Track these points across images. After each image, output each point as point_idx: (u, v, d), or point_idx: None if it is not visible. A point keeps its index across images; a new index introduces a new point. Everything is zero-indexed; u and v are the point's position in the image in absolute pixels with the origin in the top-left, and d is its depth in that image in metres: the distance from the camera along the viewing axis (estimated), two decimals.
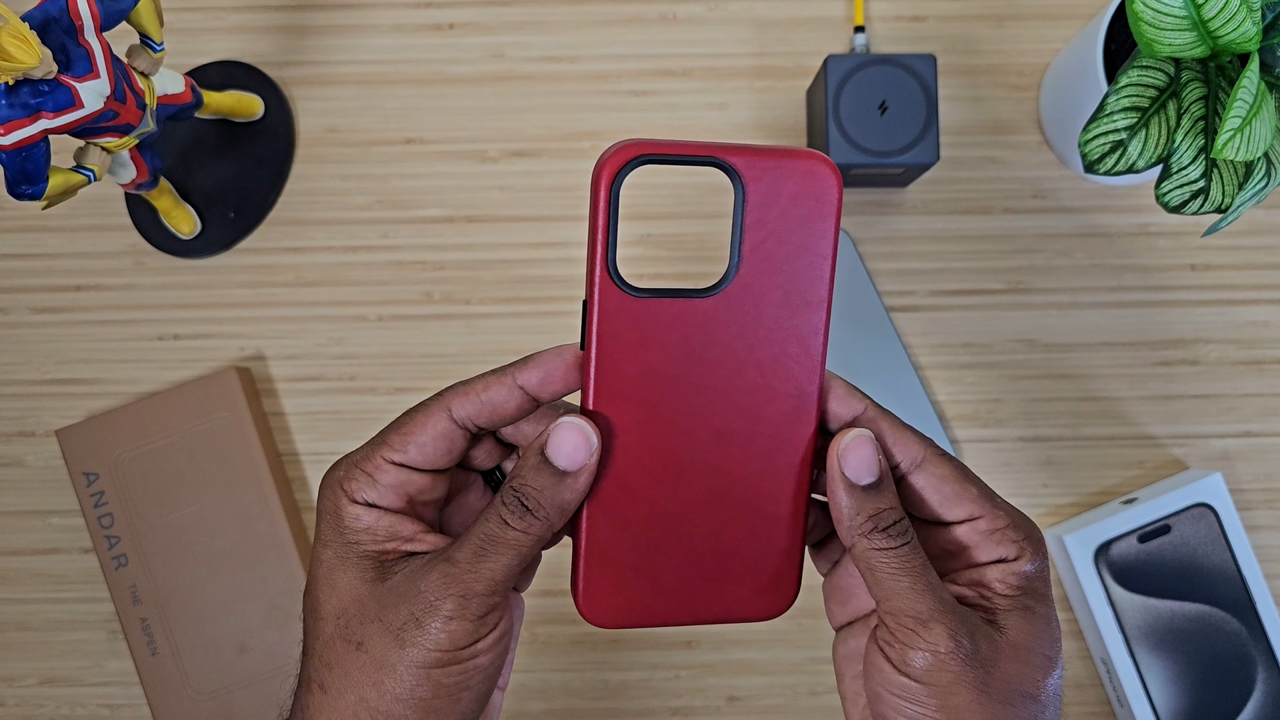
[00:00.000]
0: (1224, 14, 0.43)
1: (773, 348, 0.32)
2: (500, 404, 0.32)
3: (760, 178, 0.31)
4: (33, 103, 0.44)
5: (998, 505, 0.33)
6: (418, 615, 0.30)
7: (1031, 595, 0.32)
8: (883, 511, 0.31)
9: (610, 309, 0.31)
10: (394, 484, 0.32)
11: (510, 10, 0.62)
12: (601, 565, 0.32)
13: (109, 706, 0.61)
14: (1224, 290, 0.61)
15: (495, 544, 0.30)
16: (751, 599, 0.34)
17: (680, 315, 0.31)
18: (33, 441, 0.62)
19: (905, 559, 0.31)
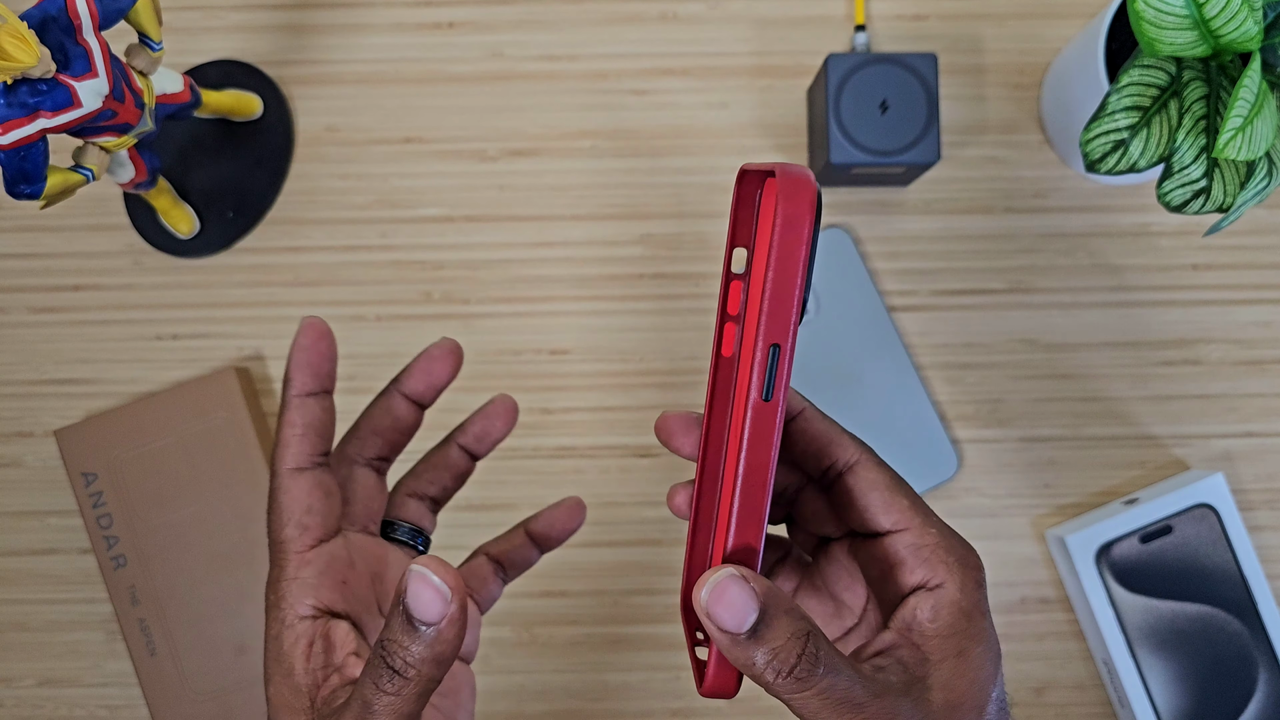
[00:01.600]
0: (1225, 13, 0.42)
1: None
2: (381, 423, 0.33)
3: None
4: (31, 102, 0.44)
5: (929, 522, 0.31)
6: None
7: (965, 635, 0.30)
8: (779, 651, 0.28)
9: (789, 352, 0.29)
10: (322, 570, 0.32)
11: (509, 9, 0.62)
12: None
13: (108, 707, 0.61)
14: (1226, 290, 0.61)
15: (374, 711, 0.29)
16: None
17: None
18: (31, 442, 0.62)
19: (823, 694, 0.28)
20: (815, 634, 0.28)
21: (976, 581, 0.30)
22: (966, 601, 0.30)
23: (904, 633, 0.30)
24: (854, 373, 0.60)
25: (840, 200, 0.61)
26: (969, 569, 0.30)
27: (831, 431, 0.32)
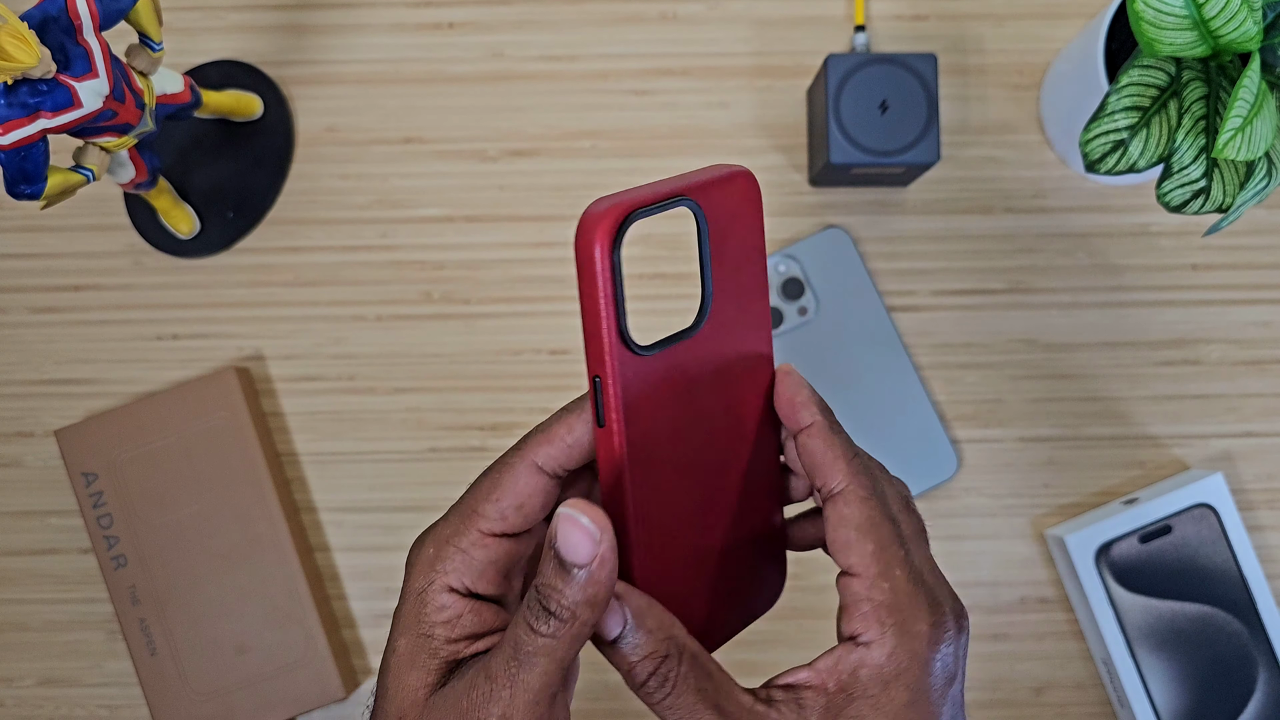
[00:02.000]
0: (1225, 13, 0.42)
1: (744, 364, 0.32)
2: (588, 444, 0.30)
3: (712, 206, 0.30)
4: (31, 102, 0.44)
5: (887, 575, 0.30)
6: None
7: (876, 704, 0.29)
8: (634, 665, 0.29)
9: (629, 378, 0.29)
10: (493, 559, 0.30)
11: (510, 9, 0.62)
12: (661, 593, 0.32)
13: (108, 707, 0.61)
14: (1225, 290, 0.61)
15: (527, 654, 0.28)
16: (759, 598, 0.35)
17: (680, 358, 0.31)
18: (31, 442, 0.62)
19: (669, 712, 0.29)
20: (675, 655, 0.29)
21: (913, 653, 0.29)
22: (890, 669, 0.29)
23: (820, 675, 0.30)
24: (854, 373, 0.60)
25: (840, 200, 0.61)
26: (911, 636, 0.29)
27: (827, 454, 0.31)
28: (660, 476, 0.30)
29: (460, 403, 0.62)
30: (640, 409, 0.30)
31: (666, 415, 0.30)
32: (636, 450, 0.30)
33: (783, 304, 0.60)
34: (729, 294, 0.31)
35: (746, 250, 0.31)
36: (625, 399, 0.29)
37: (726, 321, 0.31)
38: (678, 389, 0.30)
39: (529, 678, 0.28)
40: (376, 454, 0.61)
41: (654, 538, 0.31)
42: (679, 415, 0.31)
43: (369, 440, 0.61)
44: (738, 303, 0.31)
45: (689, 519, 0.32)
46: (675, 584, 0.31)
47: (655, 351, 0.30)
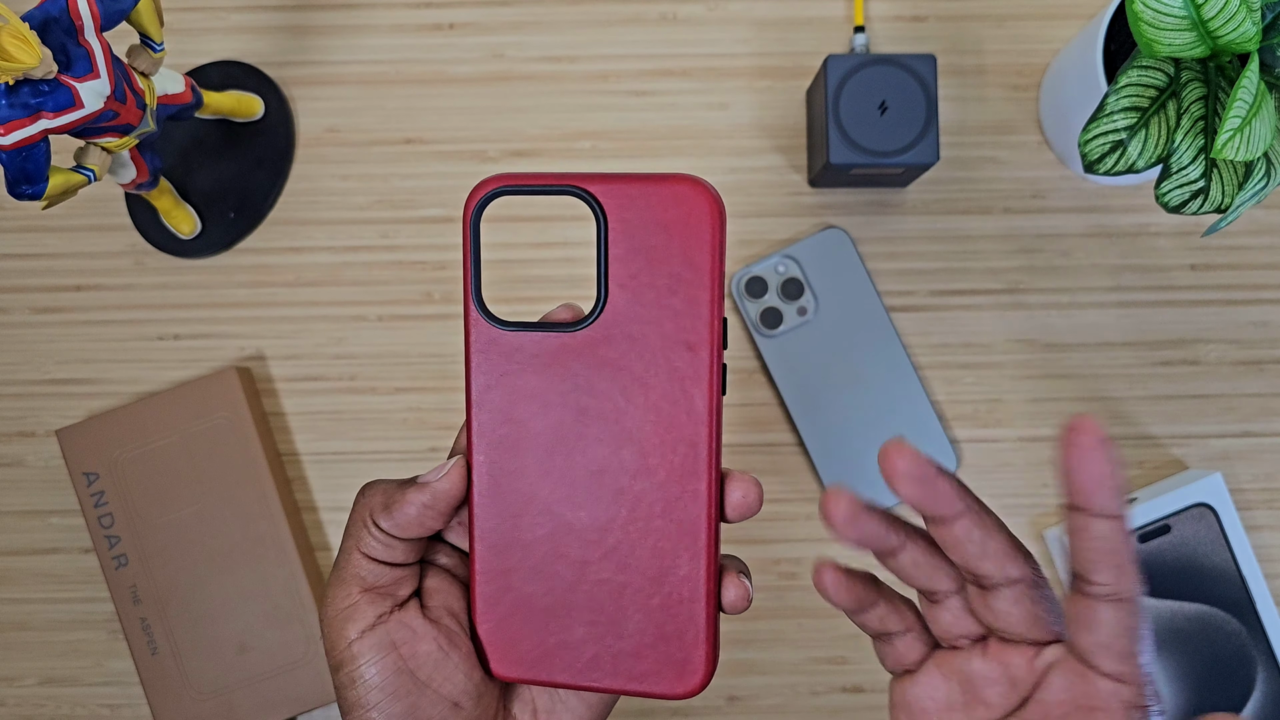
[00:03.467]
0: (1224, 14, 0.43)
1: (652, 392, 0.30)
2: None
3: (625, 206, 0.29)
4: (33, 103, 0.44)
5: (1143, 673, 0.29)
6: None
7: None
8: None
9: (483, 344, 0.30)
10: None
11: (510, 10, 0.62)
12: (497, 611, 0.32)
13: (109, 706, 0.61)
14: (1224, 290, 0.61)
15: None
16: (657, 672, 0.31)
17: (555, 350, 0.30)
18: (33, 441, 0.62)
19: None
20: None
21: None
22: None
23: None
24: (853, 373, 0.60)
25: (839, 201, 0.62)
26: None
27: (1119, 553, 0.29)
28: (518, 466, 0.31)
29: (460, 403, 0.62)
30: (496, 375, 0.30)
31: (533, 405, 0.30)
32: (485, 420, 0.30)
33: (782, 304, 0.60)
34: (639, 317, 0.30)
35: (682, 271, 0.29)
36: (477, 364, 0.30)
37: (634, 344, 0.30)
38: (550, 386, 0.30)
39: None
40: (377, 454, 0.62)
41: (502, 523, 0.31)
42: (552, 415, 0.30)
43: (370, 440, 0.62)
44: (658, 328, 0.30)
45: (557, 529, 0.31)
46: (529, 589, 0.31)
47: (516, 330, 0.30)
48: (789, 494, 0.61)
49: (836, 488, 0.28)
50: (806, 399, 0.60)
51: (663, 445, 0.30)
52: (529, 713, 0.34)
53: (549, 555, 0.31)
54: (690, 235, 0.29)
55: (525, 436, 0.31)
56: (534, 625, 0.32)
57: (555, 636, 0.31)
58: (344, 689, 0.32)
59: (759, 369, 0.61)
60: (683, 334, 0.29)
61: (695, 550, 0.30)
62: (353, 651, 0.31)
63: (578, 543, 0.31)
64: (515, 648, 0.32)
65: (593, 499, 0.31)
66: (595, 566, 0.31)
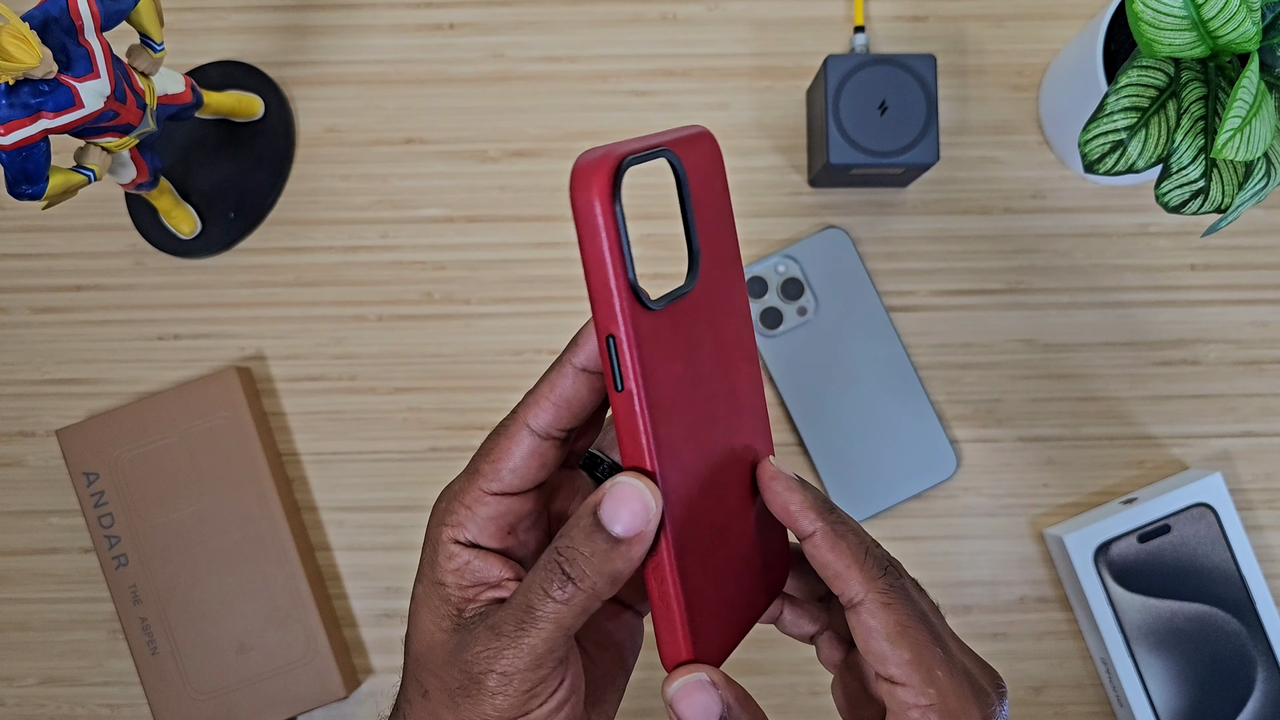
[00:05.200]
0: (1224, 14, 0.43)
1: (731, 322, 0.31)
2: (573, 397, 0.30)
3: (691, 164, 0.29)
4: (33, 102, 0.44)
5: (930, 679, 0.29)
6: (467, 684, 0.29)
7: None
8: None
9: (643, 335, 0.27)
10: (493, 515, 0.31)
11: (510, 10, 0.62)
12: (699, 609, 0.29)
13: (109, 706, 0.61)
14: (1224, 290, 0.61)
15: (534, 617, 0.28)
16: (768, 586, 0.33)
17: (682, 316, 0.29)
18: (33, 441, 0.62)
19: None
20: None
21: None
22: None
23: None
24: (853, 373, 0.60)
25: (839, 201, 0.62)
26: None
27: (837, 563, 0.30)
28: (679, 448, 0.28)
29: (460, 403, 0.62)
30: (656, 370, 0.27)
31: (676, 379, 0.28)
32: (658, 415, 0.27)
33: (782, 304, 0.60)
34: (712, 252, 0.30)
35: (719, 210, 0.31)
36: (642, 358, 0.27)
37: (714, 280, 0.30)
38: (682, 350, 0.28)
39: (533, 641, 0.28)
40: (377, 454, 0.62)
41: (679, 517, 0.28)
42: (686, 380, 0.29)
43: (369, 440, 0.62)
44: (719, 263, 0.30)
45: (710, 497, 0.30)
46: (706, 569, 0.30)
47: (663, 305, 0.28)
48: None
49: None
50: (806, 399, 0.60)
51: (743, 372, 0.31)
52: None
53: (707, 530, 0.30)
54: (717, 181, 0.30)
55: (682, 418, 0.28)
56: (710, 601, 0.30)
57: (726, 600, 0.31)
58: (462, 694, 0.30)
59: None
60: (729, 264, 0.31)
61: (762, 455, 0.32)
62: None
63: (717, 509, 0.30)
64: (708, 632, 0.30)
65: (721, 447, 0.30)
66: (731, 515, 0.31)
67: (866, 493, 0.60)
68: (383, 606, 0.61)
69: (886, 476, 0.60)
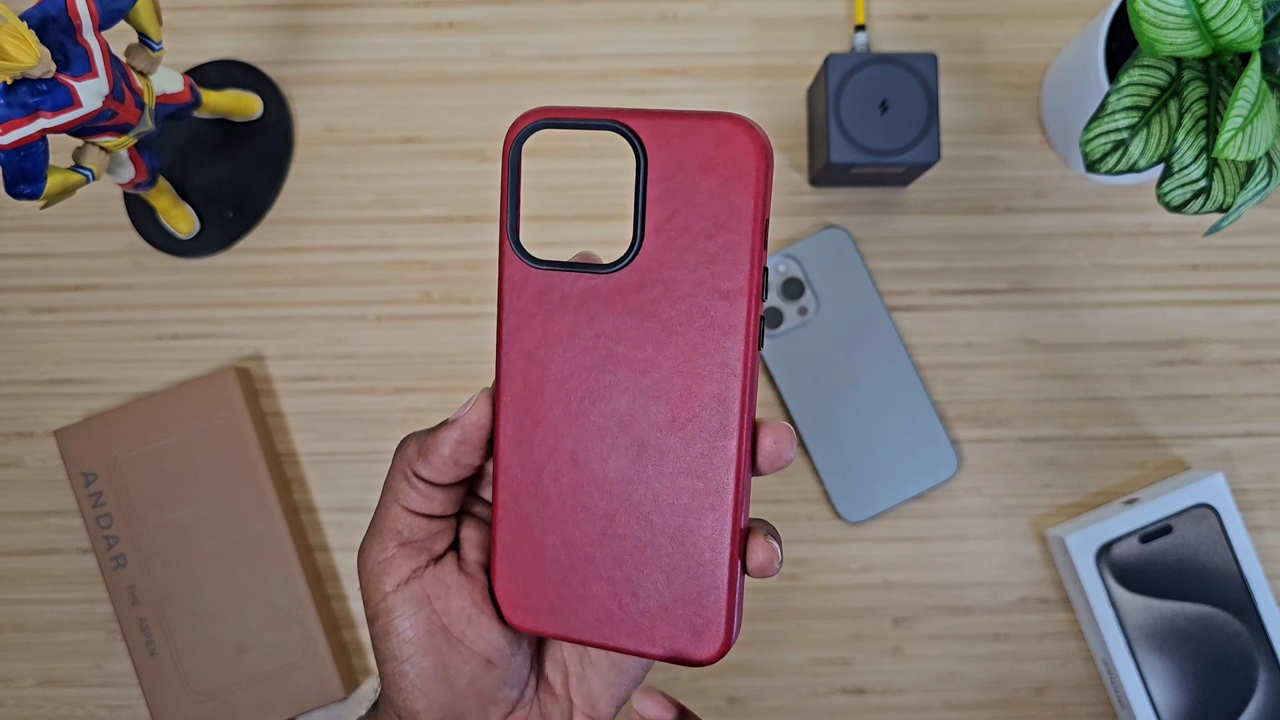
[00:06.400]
0: (1225, 13, 0.42)
1: (688, 338, 0.28)
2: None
3: (666, 144, 0.28)
4: (31, 102, 0.44)
5: None
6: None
7: None
8: None
9: (516, 281, 0.30)
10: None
11: (509, 9, 0.62)
12: (515, 559, 0.31)
13: (108, 707, 0.61)
14: (1226, 290, 0.61)
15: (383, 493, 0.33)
16: (676, 636, 0.30)
17: (586, 293, 0.29)
18: (31, 442, 0.62)
19: None
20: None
21: None
22: None
23: None
24: (854, 373, 0.60)
25: (840, 200, 0.61)
26: None
27: None
28: (545, 409, 0.30)
29: (459, 402, 0.62)
30: (526, 320, 0.29)
31: (563, 347, 0.29)
32: (515, 360, 0.30)
33: (783, 304, 0.60)
34: (677, 261, 0.28)
35: (723, 214, 0.28)
36: (509, 301, 0.29)
37: (669, 287, 0.28)
38: (581, 328, 0.29)
39: (377, 515, 0.33)
40: (376, 454, 0.61)
41: (526, 467, 0.30)
42: (583, 357, 0.29)
43: (369, 440, 0.61)
44: (695, 272, 0.28)
45: (582, 477, 0.30)
46: (551, 538, 0.31)
47: (549, 269, 0.29)
48: (789, 494, 0.61)
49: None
50: (807, 399, 0.60)
51: (692, 398, 0.29)
52: (560, 674, 0.34)
53: (572, 506, 0.30)
54: (733, 177, 0.28)
55: (553, 381, 0.30)
56: (553, 577, 0.31)
57: (574, 591, 0.30)
58: (379, 640, 0.32)
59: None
60: (719, 281, 0.28)
61: (721, 510, 0.29)
62: (388, 604, 0.32)
63: (601, 495, 0.30)
64: (531, 598, 0.31)
65: (618, 450, 0.30)
66: (618, 521, 0.30)
67: (867, 493, 0.60)
68: None
69: (887, 477, 0.60)
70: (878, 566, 0.61)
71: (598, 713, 0.34)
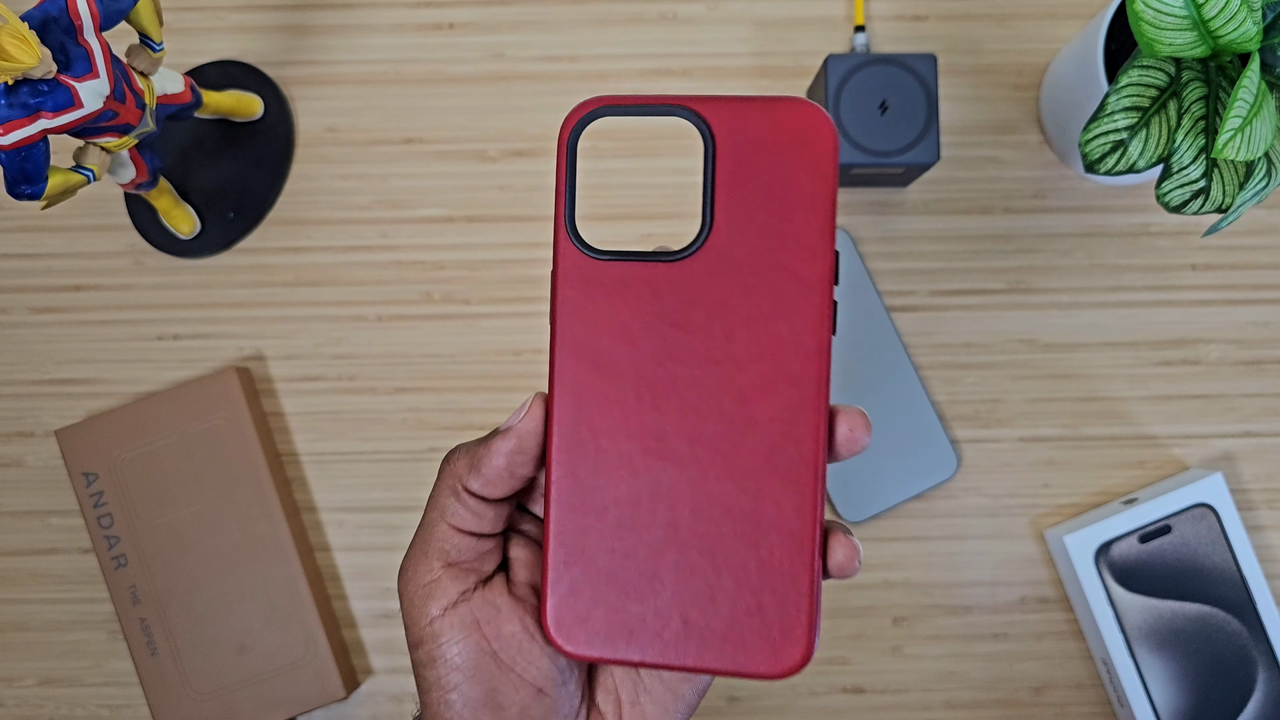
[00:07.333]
0: (1224, 14, 0.42)
1: (762, 325, 0.27)
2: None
3: (734, 129, 0.27)
4: (32, 102, 0.44)
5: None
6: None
7: None
8: None
9: (572, 273, 0.28)
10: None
11: (510, 9, 0.62)
12: (572, 574, 0.28)
13: (108, 707, 0.61)
14: (1225, 290, 0.61)
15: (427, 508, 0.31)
16: (750, 648, 0.28)
17: (652, 282, 0.28)
18: (32, 441, 0.62)
19: None
20: None
21: None
22: None
23: None
24: (853, 373, 0.60)
25: (840, 201, 0.61)
26: None
27: None
28: (605, 408, 0.28)
29: (460, 403, 0.62)
30: (585, 315, 0.28)
31: (625, 341, 0.28)
32: (571, 357, 0.28)
33: None
34: (748, 247, 0.27)
35: (795, 197, 0.27)
36: (565, 295, 0.28)
37: (740, 273, 0.27)
38: (645, 319, 0.28)
39: (421, 532, 0.32)
40: (376, 454, 0.62)
41: (584, 472, 0.28)
42: (646, 351, 0.28)
43: (369, 440, 0.61)
44: (768, 256, 0.27)
45: (645, 479, 0.28)
46: (610, 550, 0.28)
47: (609, 259, 0.28)
48: None
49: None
50: None
51: (767, 388, 0.27)
52: (612, 702, 0.32)
53: (632, 515, 0.28)
54: (804, 161, 0.27)
55: (613, 379, 0.28)
56: (611, 596, 0.28)
57: (635, 608, 0.28)
58: (423, 667, 0.30)
59: None
60: (794, 266, 0.27)
61: (802, 507, 0.27)
62: (434, 629, 0.30)
63: (666, 501, 0.28)
64: (587, 622, 0.28)
65: (685, 450, 0.28)
66: (685, 527, 0.28)
67: (867, 493, 0.60)
68: (382, 607, 0.61)
69: (887, 477, 0.60)
70: (877, 566, 0.61)
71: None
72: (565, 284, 0.28)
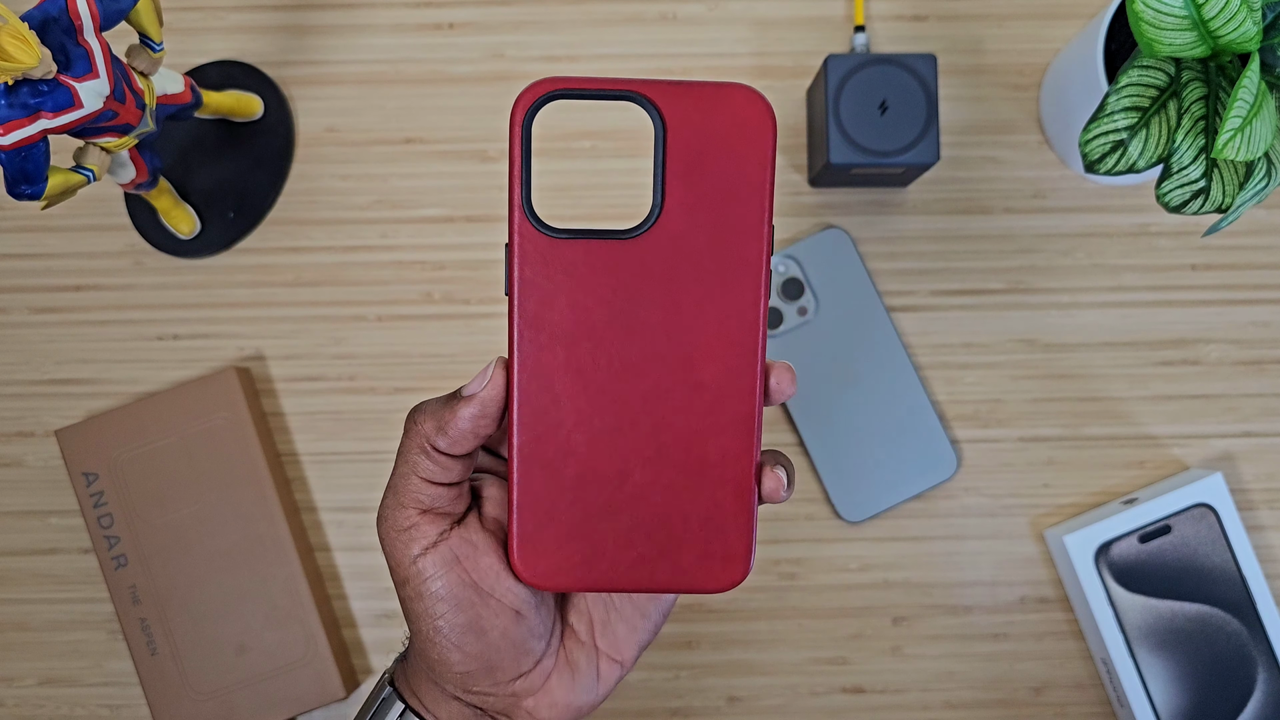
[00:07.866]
0: (1224, 14, 0.42)
1: (706, 295, 0.31)
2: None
3: (682, 112, 0.30)
4: (32, 103, 0.44)
5: None
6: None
7: None
8: None
9: (529, 250, 0.30)
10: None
11: (510, 10, 0.62)
12: (535, 519, 0.32)
13: (108, 707, 0.61)
14: (1225, 290, 0.61)
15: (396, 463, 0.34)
16: (699, 568, 0.32)
17: (605, 258, 0.31)
18: (32, 441, 0.62)
19: None
20: None
21: None
22: None
23: None
24: (853, 373, 0.60)
25: (840, 200, 0.61)
26: None
27: None
28: (563, 372, 0.31)
29: None
30: (542, 289, 0.30)
31: (581, 312, 0.30)
32: (530, 327, 0.30)
33: (782, 304, 0.60)
34: (695, 222, 0.30)
35: (737, 179, 0.30)
36: (523, 272, 0.30)
37: (687, 249, 0.30)
38: (599, 292, 0.30)
39: (392, 481, 0.34)
40: (376, 454, 0.62)
41: (546, 429, 0.31)
42: (601, 320, 0.31)
43: (369, 440, 0.61)
44: (712, 233, 0.31)
45: (602, 433, 0.31)
46: (571, 495, 0.32)
47: (567, 237, 0.30)
48: None
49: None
50: (807, 399, 0.60)
51: (711, 349, 0.31)
52: (585, 623, 0.36)
53: (589, 458, 0.31)
54: (745, 145, 0.30)
55: (570, 346, 0.31)
56: (571, 531, 0.32)
57: (594, 540, 0.32)
58: (410, 601, 0.33)
59: None
60: (734, 243, 0.30)
61: (741, 448, 0.31)
62: (418, 567, 0.33)
63: (621, 451, 0.31)
64: (549, 556, 0.32)
65: (637, 405, 0.31)
66: (638, 472, 0.32)
67: (867, 493, 0.60)
68: (382, 607, 0.61)
69: (887, 477, 0.60)
70: (877, 566, 0.61)
71: (622, 656, 0.36)
72: (524, 262, 0.30)
